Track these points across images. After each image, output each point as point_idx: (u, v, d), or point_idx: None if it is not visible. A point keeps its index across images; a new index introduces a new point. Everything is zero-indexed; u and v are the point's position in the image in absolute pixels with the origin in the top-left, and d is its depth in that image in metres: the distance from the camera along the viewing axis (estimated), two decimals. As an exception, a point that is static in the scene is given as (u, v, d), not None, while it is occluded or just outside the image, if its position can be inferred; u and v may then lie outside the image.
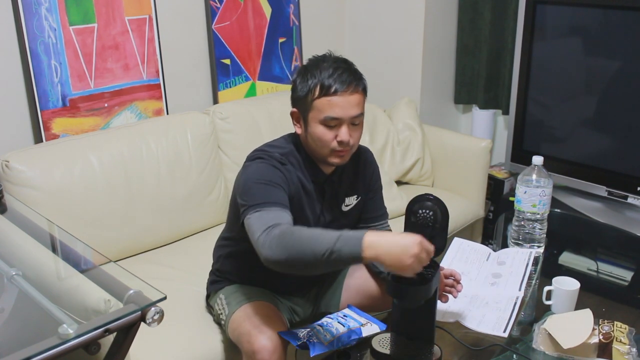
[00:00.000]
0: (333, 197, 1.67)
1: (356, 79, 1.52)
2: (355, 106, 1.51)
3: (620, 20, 2.44)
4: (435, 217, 1.43)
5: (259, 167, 1.53)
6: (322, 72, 1.50)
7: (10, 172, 1.87)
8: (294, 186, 1.56)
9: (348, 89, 1.49)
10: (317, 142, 1.53)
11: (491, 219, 2.84)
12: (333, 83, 1.48)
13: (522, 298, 1.66)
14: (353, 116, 1.51)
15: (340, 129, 1.51)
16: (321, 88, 1.49)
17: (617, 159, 2.54)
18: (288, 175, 1.54)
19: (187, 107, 2.47)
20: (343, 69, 1.51)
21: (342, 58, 1.56)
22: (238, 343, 1.60)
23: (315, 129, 1.52)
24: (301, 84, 1.53)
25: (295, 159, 1.59)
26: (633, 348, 1.43)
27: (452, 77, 3.21)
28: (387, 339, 1.52)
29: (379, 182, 1.78)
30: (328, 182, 1.64)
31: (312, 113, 1.52)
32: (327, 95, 1.49)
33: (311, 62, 1.56)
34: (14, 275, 1.34)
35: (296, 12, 2.86)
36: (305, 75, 1.52)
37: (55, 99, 2.12)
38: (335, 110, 1.49)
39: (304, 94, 1.52)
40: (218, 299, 1.74)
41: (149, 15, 2.32)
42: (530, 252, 1.86)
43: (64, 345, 1.06)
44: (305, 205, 1.60)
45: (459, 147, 2.76)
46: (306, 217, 1.60)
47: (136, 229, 2.11)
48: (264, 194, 1.46)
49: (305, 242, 1.31)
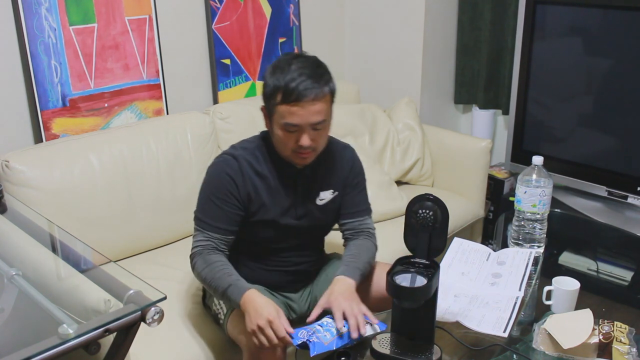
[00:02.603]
0: (306, 190, 1.68)
1: (320, 85, 1.51)
2: (316, 114, 1.52)
3: (620, 20, 2.44)
4: (435, 217, 1.43)
5: (213, 173, 1.65)
6: (287, 75, 1.50)
7: (10, 172, 1.87)
8: (249, 183, 1.62)
9: (309, 97, 1.49)
10: (279, 143, 1.59)
11: (491, 219, 2.84)
12: (294, 91, 1.48)
13: (522, 298, 1.66)
14: (314, 123, 1.53)
15: (300, 133, 1.53)
16: (283, 94, 1.50)
17: (617, 159, 2.54)
18: (240, 176, 1.61)
19: (187, 107, 2.47)
20: (307, 75, 1.50)
21: (312, 60, 1.56)
22: (238, 340, 1.61)
23: (277, 131, 1.56)
24: (268, 83, 1.55)
25: (261, 154, 1.65)
26: (633, 348, 1.43)
27: (452, 77, 3.21)
28: (387, 339, 1.52)
29: (359, 179, 1.78)
30: (300, 175, 1.66)
31: (275, 117, 1.55)
32: (287, 104, 1.50)
33: (281, 61, 1.55)
34: (14, 275, 1.34)
35: (296, 12, 2.86)
36: (273, 74, 1.53)
37: (55, 99, 2.12)
38: (294, 118, 1.51)
39: (268, 94, 1.55)
40: (215, 300, 1.75)
41: (149, 15, 2.32)
42: (530, 252, 1.86)
43: (64, 345, 1.07)
44: (266, 200, 1.64)
45: (459, 147, 2.76)
46: (268, 210, 1.65)
47: (136, 229, 2.11)
48: (209, 214, 1.63)
49: (208, 280, 1.59)
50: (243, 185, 1.62)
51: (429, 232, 1.44)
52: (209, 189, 1.64)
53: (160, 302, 1.19)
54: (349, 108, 2.72)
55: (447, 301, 1.64)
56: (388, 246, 1.92)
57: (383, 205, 2.45)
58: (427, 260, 1.47)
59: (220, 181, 1.62)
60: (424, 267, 1.46)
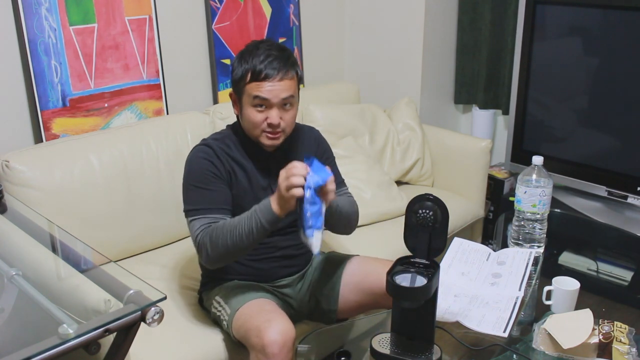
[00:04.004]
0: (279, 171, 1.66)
1: (287, 66, 1.61)
2: (284, 90, 1.61)
3: (620, 20, 2.44)
4: (435, 217, 1.43)
5: (191, 165, 1.68)
6: (255, 58, 1.60)
7: (10, 172, 1.87)
8: (227, 166, 1.68)
9: (277, 75, 1.59)
10: (249, 123, 1.65)
11: (491, 219, 2.84)
12: (263, 69, 1.58)
13: (522, 298, 1.66)
14: (283, 98, 1.61)
15: (270, 111, 1.61)
16: (252, 74, 1.59)
17: (617, 159, 2.54)
18: (216, 158, 1.67)
19: (187, 107, 2.47)
20: (275, 57, 1.60)
21: (278, 45, 1.66)
22: (245, 339, 1.60)
23: (247, 111, 1.63)
24: (237, 69, 1.63)
25: (231, 141, 1.71)
26: (633, 348, 1.43)
27: (452, 77, 3.21)
28: (387, 339, 1.52)
29: (327, 154, 1.86)
30: (272, 158, 1.72)
31: (244, 97, 1.63)
32: (257, 81, 1.59)
33: (248, 47, 1.65)
34: (14, 275, 1.34)
35: (296, 12, 2.86)
36: (241, 60, 1.63)
37: (55, 99, 2.12)
38: (263, 92, 1.60)
39: (237, 78, 1.63)
40: (214, 301, 1.75)
41: (149, 15, 2.33)
42: (530, 252, 1.86)
43: (64, 345, 1.07)
44: (243, 181, 1.70)
45: (459, 147, 2.76)
46: (246, 189, 1.70)
47: (136, 229, 2.11)
48: (201, 200, 1.63)
49: (233, 235, 1.54)
50: (222, 166, 1.67)
51: (429, 232, 1.44)
52: (190, 179, 1.67)
53: (160, 302, 1.18)
54: (349, 108, 2.72)
55: (447, 301, 1.64)
56: (388, 246, 1.92)
57: (383, 205, 2.46)
58: (427, 260, 1.47)
59: (199, 167, 1.66)
60: (424, 267, 1.46)
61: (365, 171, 2.50)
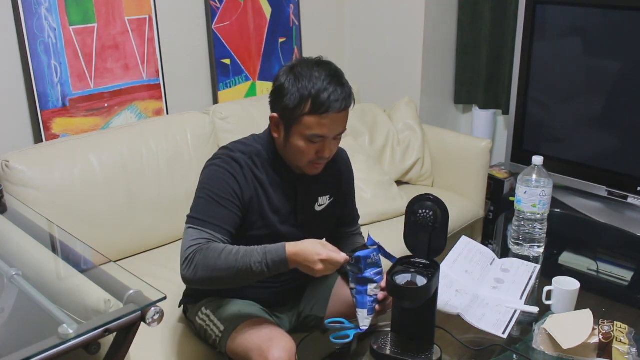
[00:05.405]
0: (306, 196, 1.62)
1: (347, 94, 1.46)
2: (342, 124, 1.49)
3: (620, 20, 2.44)
4: (435, 217, 1.43)
5: (214, 173, 1.51)
6: (315, 84, 1.42)
7: (10, 172, 1.87)
8: (252, 187, 1.53)
9: (340, 107, 1.44)
10: (297, 154, 1.50)
11: (491, 219, 2.84)
12: (326, 101, 1.41)
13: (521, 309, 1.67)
14: (338, 133, 1.50)
15: (323, 144, 1.48)
16: (313, 105, 1.42)
17: (617, 159, 2.54)
18: (243, 178, 1.51)
19: (187, 107, 2.47)
20: (336, 84, 1.44)
21: (334, 67, 1.49)
22: (244, 358, 1.52)
23: (298, 142, 1.47)
24: (290, 93, 1.44)
25: (259, 159, 1.55)
26: (633, 348, 1.43)
27: (452, 77, 3.21)
28: (387, 339, 1.52)
29: (351, 184, 1.76)
30: (300, 181, 1.59)
31: (298, 127, 1.46)
32: (318, 114, 1.43)
33: (302, 67, 1.46)
34: (14, 275, 1.34)
35: (296, 12, 2.86)
36: (297, 82, 1.44)
37: (55, 99, 2.12)
38: (323, 129, 1.45)
39: (292, 105, 1.44)
40: (200, 314, 1.65)
41: (149, 15, 2.32)
42: (535, 267, 1.86)
43: (64, 345, 1.06)
44: (266, 206, 1.55)
45: (459, 147, 2.76)
46: (268, 216, 1.55)
47: (136, 229, 2.11)
48: (212, 214, 1.47)
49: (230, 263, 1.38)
50: (247, 187, 1.52)
51: (429, 232, 1.44)
52: (208, 188, 1.50)
53: (160, 302, 1.18)
54: (349, 108, 2.72)
55: (449, 294, 1.64)
56: (388, 246, 1.91)
57: (383, 205, 2.46)
58: (427, 260, 1.47)
59: (224, 181, 1.50)
60: (424, 267, 1.46)
61: (365, 171, 2.50)
